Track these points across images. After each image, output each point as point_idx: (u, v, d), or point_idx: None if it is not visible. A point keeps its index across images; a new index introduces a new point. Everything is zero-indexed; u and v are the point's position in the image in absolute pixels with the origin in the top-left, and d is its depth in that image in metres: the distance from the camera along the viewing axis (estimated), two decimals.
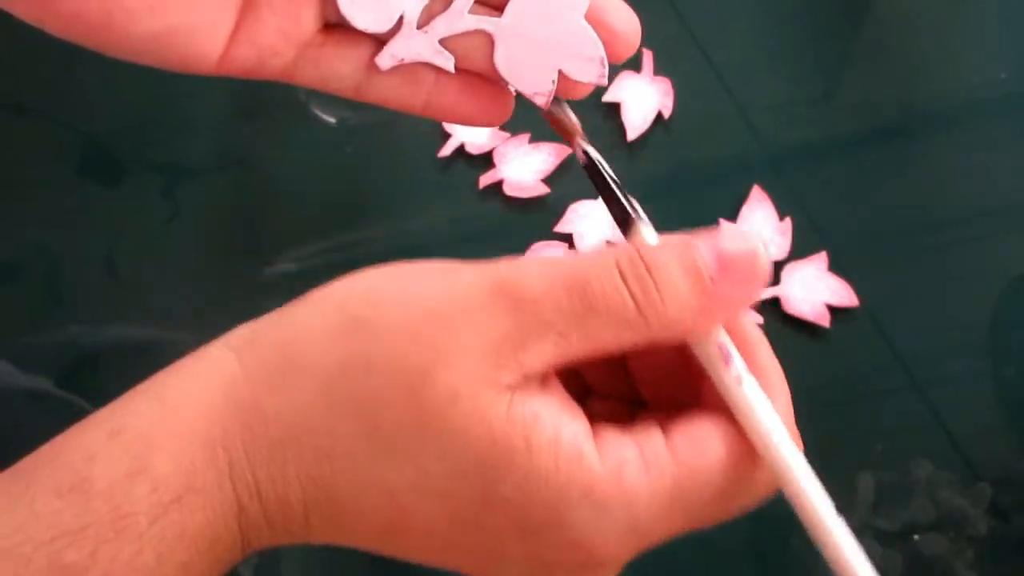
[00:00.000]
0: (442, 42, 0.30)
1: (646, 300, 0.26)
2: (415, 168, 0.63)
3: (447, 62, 0.31)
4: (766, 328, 0.59)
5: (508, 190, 0.61)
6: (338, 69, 0.31)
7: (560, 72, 0.31)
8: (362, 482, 0.26)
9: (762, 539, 0.56)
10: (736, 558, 0.56)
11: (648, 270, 0.27)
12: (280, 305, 0.30)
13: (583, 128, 0.33)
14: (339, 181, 0.63)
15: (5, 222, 0.63)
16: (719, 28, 0.66)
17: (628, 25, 0.31)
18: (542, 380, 0.26)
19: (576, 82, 0.31)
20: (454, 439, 0.25)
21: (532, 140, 0.63)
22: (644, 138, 0.63)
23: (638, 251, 0.28)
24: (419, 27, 0.30)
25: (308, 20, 0.30)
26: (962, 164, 0.63)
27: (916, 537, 0.55)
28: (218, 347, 0.29)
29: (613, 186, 0.32)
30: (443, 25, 0.30)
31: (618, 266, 0.27)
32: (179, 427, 0.26)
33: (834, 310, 0.59)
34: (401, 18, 0.30)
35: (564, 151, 0.63)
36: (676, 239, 0.29)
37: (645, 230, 0.31)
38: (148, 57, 0.29)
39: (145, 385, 0.28)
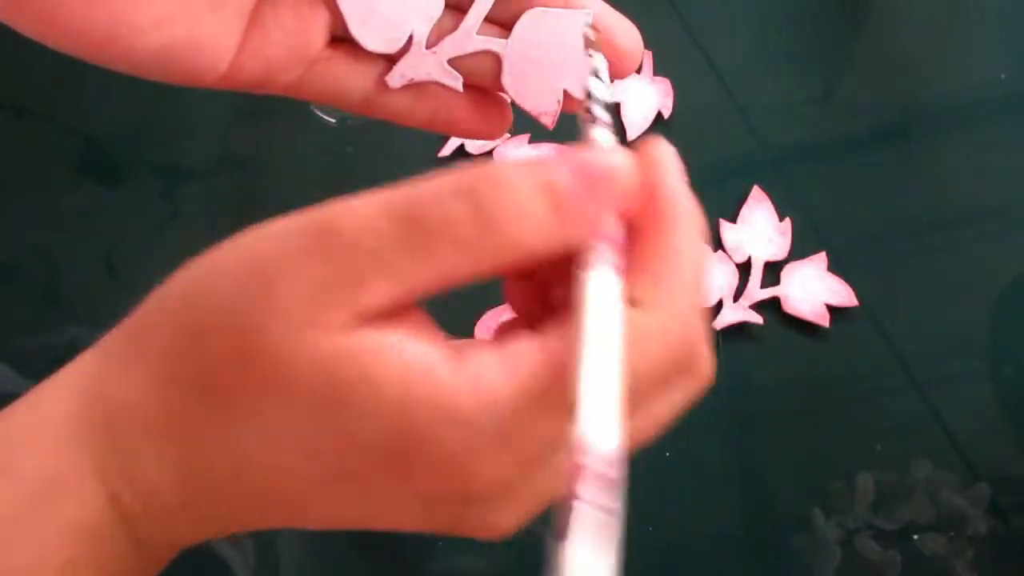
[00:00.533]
0: (450, 61, 0.31)
1: (486, 215, 0.23)
2: (415, 168, 0.63)
3: (456, 81, 0.31)
4: (766, 328, 0.59)
5: None
6: (346, 84, 0.31)
7: (565, 92, 0.31)
8: (215, 454, 0.25)
9: (762, 539, 0.56)
10: (736, 558, 0.56)
11: (493, 187, 0.24)
12: None
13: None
14: (339, 181, 0.63)
15: (4, 223, 0.63)
16: (719, 28, 0.66)
17: (632, 43, 0.31)
18: (390, 315, 0.24)
19: (581, 101, 0.31)
20: (291, 389, 0.24)
21: (532, 140, 0.63)
22: (644, 138, 0.63)
23: (483, 169, 0.24)
24: (428, 47, 0.31)
25: (316, 36, 0.30)
26: (962, 164, 0.63)
27: (915, 537, 0.55)
28: (91, 348, 0.27)
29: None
30: (451, 46, 0.31)
31: (456, 186, 0.24)
32: (43, 426, 0.25)
33: (834, 310, 0.59)
34: (410, 38, 0.30)
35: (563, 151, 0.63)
36: (534, 157, 0.26)
37: (598, 134, 0.27)
38: (154, 72, 0.29)
39: (28, 392, 0.27)
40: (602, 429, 0.21)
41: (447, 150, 0.63)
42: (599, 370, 0.22)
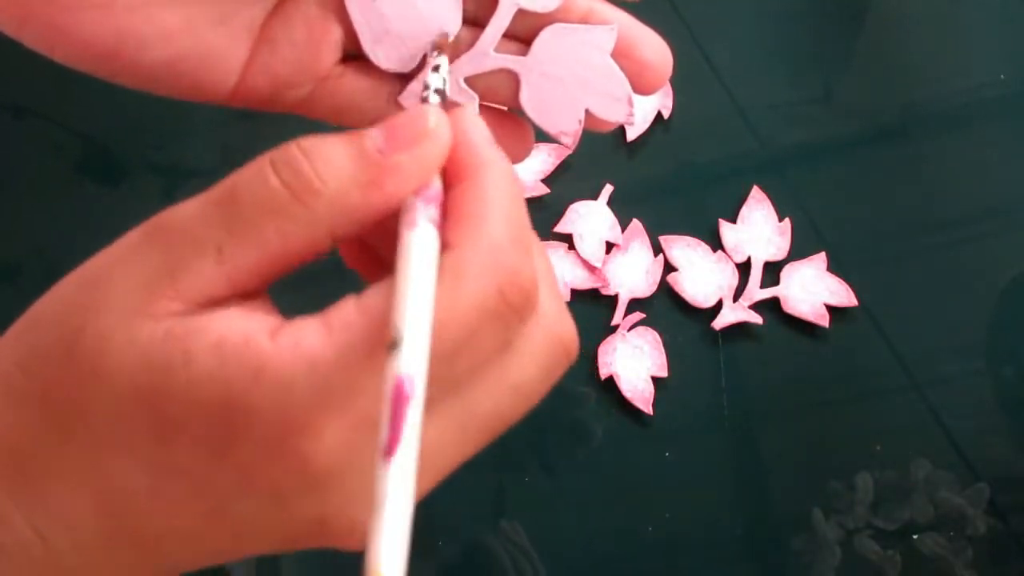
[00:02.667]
0: (467, 80, 0.30)
1: (300, 183, 0.23)
2: None
3: (471, 101, 0.30)
4: (766, 328, 0.59)
5: None
6: (357, 102, 0.30)
7: (587, 111, 0.30)
8: (60, 470, 0.24)
9: (762, 539, 0.56)
10: (736, 558, 0.56)
11: (305, 155, 0.24)
12: (279, 304, 0.30)
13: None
14: None
15: (4, 223, 0.63)
16: (719, 28, 0.66)
17: (659, 56, 0.30)
18: (226, 300, 0.24)
19: (603, 121, 0.30)
20: (113, 380, 0.23)
21: (538, 139, 0.63)
22: (644, 138, 0.63)
23: (296, 141, 0.25)
24: None
25: (328, 52, 0.29)
26: (962, 164, 0.63)
27: (915, 537, 0.55)
28: None
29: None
30: (468, 64, 0.29)
31: (271, 159, 0.24)
32: None
33: (833, 310, 0.59)
34: (425, 57, 0.29)
35: (563, 151, 0.63)
36: None
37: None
38: (160, 86, 0.29)
39: None
40: (417, 361, 0.21)
41: None
42: (415, 312, 0.22)
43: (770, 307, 0.59)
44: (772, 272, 0.60)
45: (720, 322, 0.59)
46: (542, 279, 0.25)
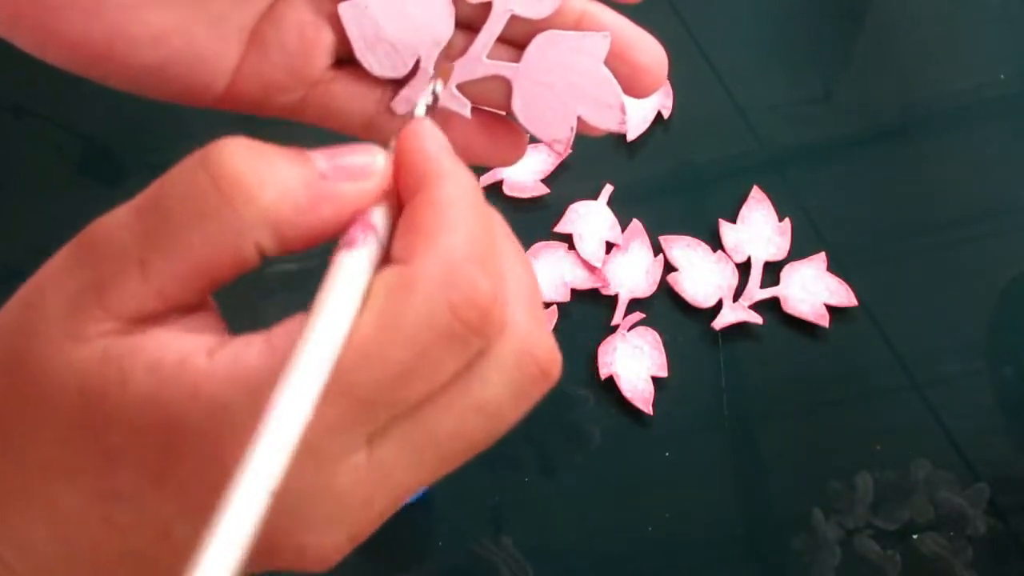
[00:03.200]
0: (459, 86, 0.30)
1: (234, 186, 0.22)
2: None
3: (463, 108, 0.30)
4: (766, 328, 0.59)
5: (508, 190, 0.62)
6: (348, 107, 0.30)
7: (579, 118, 0.30)
8: (14, 495, 0.23)
9: (762, 539, 0.56)
10: (736, 558, 0.56)
11: (245, 157, 0.23)
12: (280, 305, 0.30)
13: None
14: None
15: (4, 223, 0.63)
16: (719, 29, 0.66)
17: (653, 60, 0.29)
18: (162, 316, 0.23)
19: (595, 128, 0.30)
20: (55, 406, 0.22)
21: (531, 141, 0.63)
22: (644, 138, 0.63)
23: (236, 141, 0.23)
24: (435, 71, 0.29)
25: (320, 57, 0.29)
26: (962, 164, 0.63)
27: (915, 537, 0.55)
28: None
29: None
30: (460, 70, 0.29)
31: (201, 160, 0.22)
32: None
33: (833, 310, 0.59)
34: (418, 63, 0.29)
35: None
36: None
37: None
38: (151, 88, 0.29)
39: None
40: (305, 389, 0.21)
41: None
42: (322, 338, 0.21)
43: (770, 307, 0.59)
44: (772, 272, 0.60)
45: (720, 322, 0.59)
46: (516, 294, 0.24)
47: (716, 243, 0.61)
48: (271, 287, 0.60)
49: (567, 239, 0.61)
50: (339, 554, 0.23)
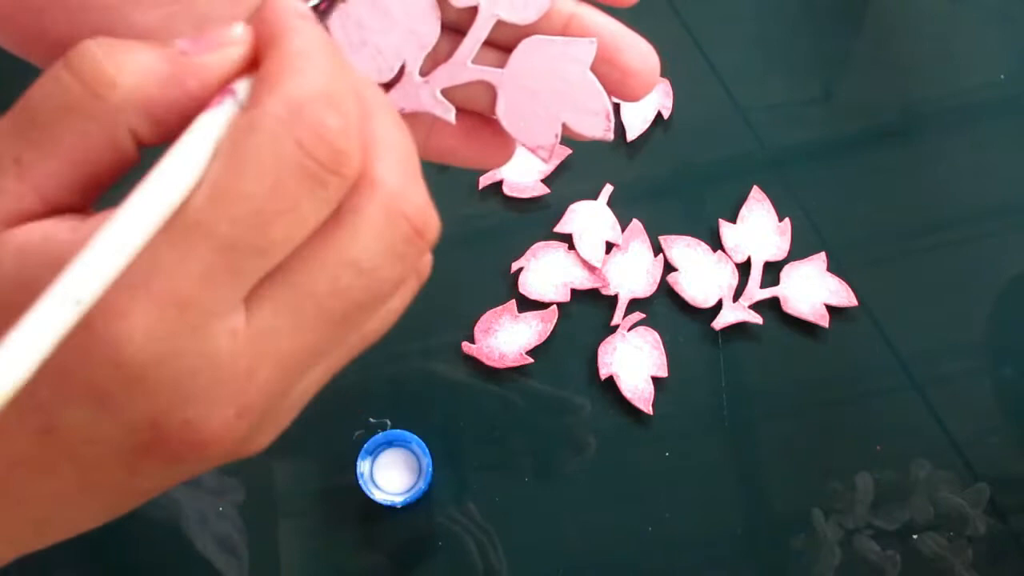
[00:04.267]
0: (444, 91, 0.29)
1: (95, 76, 0.22)
2: None
3: (448, 113, 0.29)
4: (766, 328, 0.59)
5: (508, 190, 0.62)
6: None
7: (564, 125, 0.29)
8: None
9: (762, 539, 0.56)
10: (736, 558, 0.56)
11: (102, 49, 0.23)
12: None
13: None
14: None
15: None
16: (719, 29, 0.66)
17: (644, 63, 0.28)
18: (38, 216, 0.23)
19: (580, 135, 0.29)
20: None
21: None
22: (644, 138, 0.63)
23: (94, 39, 0.23)
24: (422, 75, 0.29)
25: None
26: (961, 164, 0.63)
27: (915, 537, 0.55)
28: None
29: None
30: (445, 75, 0.29)
31: (64, 59, 0.23)
32: None
33: (834, 310, 0.59)
34: (402, 68, 0.29)
35: (564, 151, 0.63)
36: None
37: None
38: None
39: None
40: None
41: None
42: (163, 170, 0.22)
43: (770, 307, 0.59)
44: (772, 272, 0.60)
45: (720, 322, 0.59)
46: (387, 153, 0.23)
47: (716, 243, 0.61)
48: None
49: (567, 239, 0.61)
50: (229, 431, 0.22)
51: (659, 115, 0.64)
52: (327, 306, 0.23)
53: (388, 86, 0.30)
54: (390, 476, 0.56)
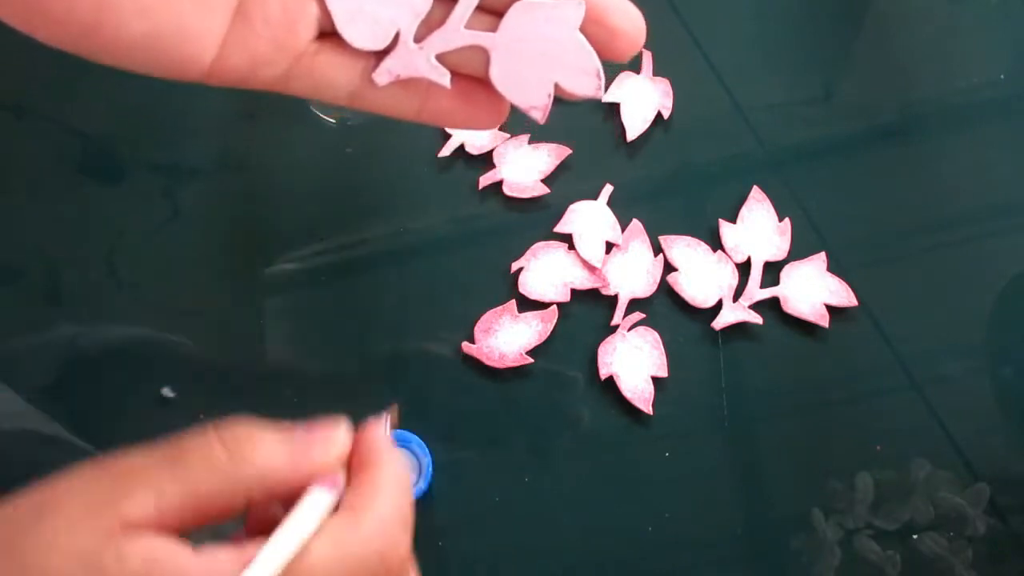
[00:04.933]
0: (438, 56, 0.30)
1: (236, 449, 0.30)
2: (415, 168, 0.63)
3: (443, 77, 0.30)
4: (766, 328, 0.59)
5: (508, 190, 0.62)
6: (333, 79, 0.31)
7: (556, 85, 0.30)
8: None
9: (762, 539, 0.56)
10: (736, 558, 0.56)
11: (245, 432, 0.30)
12: (279, 304, 0.32)
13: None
14: (339, 181, 0.63)
15: (5, 223, 0.63)
16: (718, 28, 0.66)
17: (630, 23, 0.30)
18: (157, 527, 0.29)
19: (572, 94, 0.31)
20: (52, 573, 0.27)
21: (532, 140, 0.63)
22: (644, 138, 0.63)
23: (240, 425, 0.31)
24: (416, 42, 0.30)
25: (304, 30, 0.30)
26: (962, 164, 0.63)
27: (915, 537, 0.55)
28: None
29: None
30: (439, 41, 0.30)
31: (217, 434, 0.30)
32: None
33: (833, 310, 0.59)
34: (397, 35, 0.30)
35: (564, 151, 0.63)
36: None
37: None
38: (138, 63, 0.29)
39: None
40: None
41: (447, 150, 0.63)
42: (277, 550, 0.29)
43: (770, 307, 0.59)
44: (772, 272, 0.60)
45: (720, 322, 0.59)
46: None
47: (716, 243, 0.61)
48: (271, 287, 0.60)
49: (567, 239, 0.61)
50: None
51: (659, 115, 0.64)
52: None
53: (384, 53, 0.30)
54: None
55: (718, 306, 0.59)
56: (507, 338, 0.58)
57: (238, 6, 0.29)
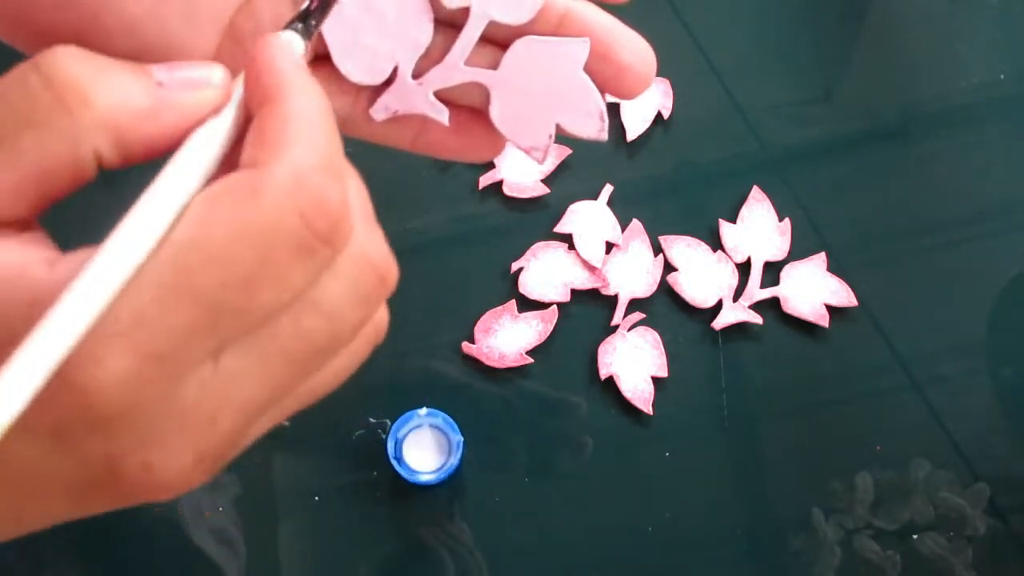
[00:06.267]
0: (437, 92, 0.29)
1: (69, 89, 0.22)
2: (415, 168, 0.63)
3: (441, 115, 0.29)
4: (766, 328, 0.59)
5: (508, 190, 0.62)
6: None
7: (558, 126, 0.29)
8: None
9: (762, 539, 0.56)
10: (736, 558, 0.56)
11: (78, 62, 0.22)
12: None
13: None
14: None
15: None
16: (719, 29, 0.66)
17: (639, 58, 0.28)
18: None
19: (574, 136, 0.29)
20: None
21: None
22: (644, 138, 0.63)
23: (70, 49, 0.23)
24: (414, 77, 0.29)
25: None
26: (961, 164, 0.63)
27: (915, 537, 0.55)
28: None
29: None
30: (438, 78, 0.29)
31: (35, 65, 0.22)
32: None
33: (834, 310, 0.59)
34: (395, 70, 0.29)
35: (564, 151, 0.63)
36: None
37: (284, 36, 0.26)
38: None
39: None
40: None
41: None
42: (142, 212, 0.22)
43: (770, 307, 0.59)
44: (772, 272, 0.60)
45: (720, 322, 0.59)
46: (353, 204, 0.24)
47: (716, 243, 0.61)
48: None
49: (567, 239, 0.61)
50: (185, 477, 0.22)
51: (659, 115, 0.64)
52: (290, 348, 0.23)
53: (381, 88, 0.29)
54: (420, 456, 0.55)
55: (718, 306, 0.59)
56: (507, 338, 0.58)
57: (229, 25, 0.28)
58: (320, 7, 0.27)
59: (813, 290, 0.59)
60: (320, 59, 0.30)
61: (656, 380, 0.58)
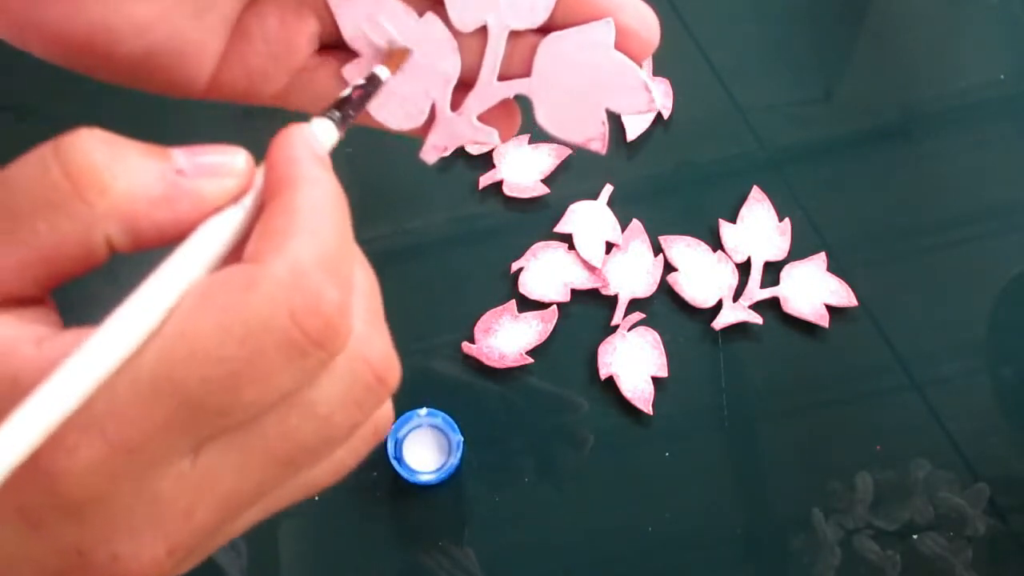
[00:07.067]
0: (479, 117, 0.29)
1: (86, 177, 0.21)
2: (415, 168, 0.63)
3: (491, 136, 0.29)
4: (766, 328, 0.59)
5: (508, 190, 0.62)
6: (334, 93, 0.29)
7: (607, 110, 0.28)
8: None
9: (762, 539, 0.56)
10: (736, 558, 0.56)
11: (97, 148, 0.22)
12: None
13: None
14: (339, 181, 0.63)
15: None
16: (718, 29, 0.66)
17: (642, 22, 0.28)
18: None
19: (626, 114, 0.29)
20: None
21: (532, 141, 0.63)
22: (644, 138, 0.63)
23: (90, 132, 0.22)
24: (452, 109, 0.29)
25: (303, 44, 0.29)
26: (962, 164, 0.63)
27: (915, 537, 0.55)
28: None
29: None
30: (476, 103, 0.29)
31: (54, 149, 0.22)
32: None
33: (833, 310, 0.59)
34: (434, 107, 0.29)
35: (564, 151, 0.63)
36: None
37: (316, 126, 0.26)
38: (135, 80, 0.28)
39: None
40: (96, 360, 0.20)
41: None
42: (127, 311, 0.21)
43: (770, 307, 0.59)
44: (772, 272, 0.60)
45: (720, 322, 0.59)
46: (356, 299, 0.23)
47: (716, 243, 0.61)
48: None
49: (567, 239, 0.61)
50: (156, 569, 0.22)
51: (659, 115, 0.64)
52: (275, 448, 0.22)
53: (425, 130, 0.29)
54: (420, 456, 0.56)
55: (718, 306, 0.59)
56: (507, 338, 0.58)
57: (237, 22, 0.29)
58: (361, 99, 0.27)
59: (813, 290, 0.59)
60: (327, 48, 0.29)
61: (656, 380, 0.58)
